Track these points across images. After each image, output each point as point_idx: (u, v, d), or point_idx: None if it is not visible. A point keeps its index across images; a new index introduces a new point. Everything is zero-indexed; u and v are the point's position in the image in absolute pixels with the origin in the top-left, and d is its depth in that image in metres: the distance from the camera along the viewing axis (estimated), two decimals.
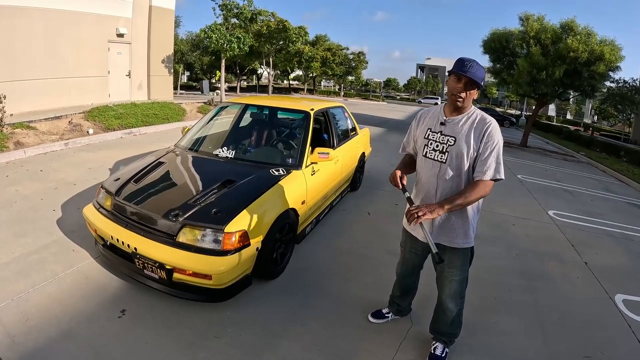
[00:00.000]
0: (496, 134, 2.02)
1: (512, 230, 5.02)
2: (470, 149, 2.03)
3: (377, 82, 72.31)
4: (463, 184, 2.08)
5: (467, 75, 1.92)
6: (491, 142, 2.00)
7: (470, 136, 2.03)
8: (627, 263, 4.45)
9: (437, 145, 2.13)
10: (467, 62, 1.95)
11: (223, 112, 4.65)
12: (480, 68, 1.96)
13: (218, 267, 2.48)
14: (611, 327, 3.07)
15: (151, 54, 12.95)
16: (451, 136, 2.08)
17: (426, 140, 2.18)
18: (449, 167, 2.08)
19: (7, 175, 5.09)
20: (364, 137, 6.03)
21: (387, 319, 2.74)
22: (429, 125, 2.20)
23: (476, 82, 1.94)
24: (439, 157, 2.12)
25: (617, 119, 32.83)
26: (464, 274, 2.26)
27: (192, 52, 32.90)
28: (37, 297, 2.63)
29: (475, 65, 1.94)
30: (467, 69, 1.93)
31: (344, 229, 4.36)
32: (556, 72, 12.63)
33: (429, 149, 2.16)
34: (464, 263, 2.23)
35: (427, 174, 2.18)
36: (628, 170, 11.83)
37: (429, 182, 2.17)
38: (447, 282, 2.27)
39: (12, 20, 8.59)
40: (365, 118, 17.96)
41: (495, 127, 2.04)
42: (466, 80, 1.96)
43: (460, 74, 1.95)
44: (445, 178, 2.10)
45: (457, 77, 1.99)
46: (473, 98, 2.04)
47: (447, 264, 2.21)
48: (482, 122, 2.04)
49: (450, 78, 2.04)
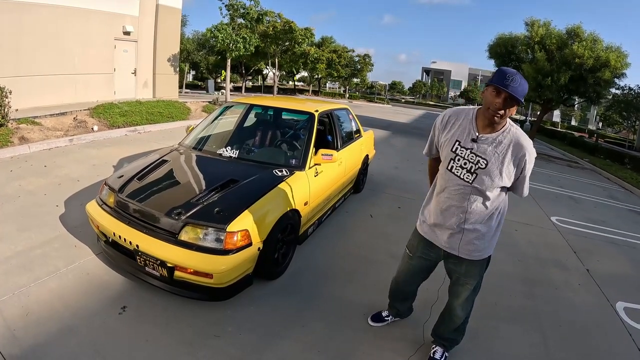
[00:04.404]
0: (532, 158, 1.92)
1: (515, 235, 5.00)
2: (503, 174, 1.90)
3: (382, 85, 72.26)
4: (488, 205, 1.99)
5: (508, 91, 1.71)
6: (528, 167, 1.92)
7: (504, 163, 1.89)
8: (629, 271, 4.43)
9: (465, 163, 1.95)
10: (509, 74, 1.73)
11: (227, 112, 4.66)
12: (523, 82, 1.75)
13: (219, 266, 2.48)
14: (612, 334, 3.05)
15: (157, 53, 13.00)
16: (483, 158, 1.90)
17: (453, 154, 1.99)
18: (474, 187, 1.95)
19: (11, 170, 5.11)
20: (368, 140, 6.02)
21: (387, 322, 2.73)
22: (457, 138, 1.99)
23: (517, 98, 1.73)
24: (465, 176, 1.96)
25: (622, 126, 32.66)
26: (480, 280, 2.23)
27: (198, 52, 32.98)
28: (39, 292, 2.65)
29: (519, 79, 1.73)
30: (508, 82, 1.71)
31: (347, 231, 4.36)
32: (561, 78, 12.62)
33: (455, 164, 1.99)
34: (481, 271, 2.19)
35: (451, 190, 2.03)
36: (632, 177, 11.76)
37: (451, 198, 2.04)
38: (462, 289, 2.22)
39: (19, 16, 8.64)
40: (369, 121, 17.95)
41: (532, 151, 1.91)
42: (506, 95, 1.74)
43: (500, 88, 1.73)
44: (469, 199, 1.98)
45: (496, 91, 1.77)
46: (512, 114, 1.85)
47: (464, 274, 2.18)
48: (519, 147, 1.87)
49: (487, 90, 1.83)
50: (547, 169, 11.61)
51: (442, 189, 2.08)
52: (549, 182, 9.35)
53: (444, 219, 2.09)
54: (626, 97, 22.78)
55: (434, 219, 2.15)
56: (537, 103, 16.08)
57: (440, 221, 2.11)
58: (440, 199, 2.10)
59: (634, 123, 28.43)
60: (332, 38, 43.69)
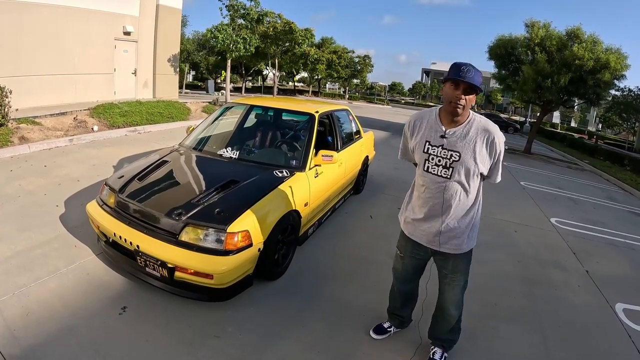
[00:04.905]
0: (501, 142, 2.00)
1: (514, 236, 5.01)
2: (478, 162, 1.97)
3: (382, 86, 72.26)
4: (469, 197, 2.05)
5: (466, 81, 1.83)
6: (499, 151, 2.00)
7: (475, 150, 1.96)
8: (628, 272, 4.43)
9: (440, 160, 2.03)
10: (464, 66, 1.84)
11: (228, 113, 4.66)
12: (477, 72, 1.86)
13: (220, 266, 2.49)
14: (611, 335, 3.06)
15: (157, 53, 13.00)
16: (455, 151, 1.98)
17: (426, 154, 2.07)
18: (454, 181, 2.01)
19: (11, 170, 5.11)
20: (368, 141, 6.03)
21: (390, 334, 2.64)
22: (426, 138, 2.07)
23: (475, 86, 1.85)
24: (443, 172, 2.03)
25: (622, 127, 32.73)
26: (467, 277, 2.25)
27: (198, 52, 33.05)
28: (39, 292, 2.65)
29: (472, 69, 1.85)
30: (464, 73, 1.83)
31: (347, 231, 4.36)
32: (561, 79, 12.61)
33: (430, 163, 2.06)
34: (467, 266, 2.23)
35: (432, 189, 2.08)
36: (631, 179, 11.78)
37: (434, 197, 2.08)
38: (451, 287, 2.25)
39: (20, 16, 8.65)
40: (369, 121, 17.96)
41: (499, 134, 1.99)
42: (465, 86, 1.86)
43: (457, 79, 1.85)
44: (451, 193, 2.04)
45: (454, 84, 1.88)
46: (472, 104, 1.94)
47: (451, 270, 2.20)
48: (486, 132, 1.96)
49: (446, 85, 1.94)
50: (547, 170, 11.63)
51: (423, 189, 2.14)
52: (549, 183, 9.37)
53: (427, 217, 2.14)
54: (626, 98, 22.86)
55: (417, 217, 2.20)
56: (536, 104, 16.08)
57: (423, 219, 2.16)
58: (422, 198, 2.16)
59: (633, 124, 28.51)
60: (332, 39, 43.74)
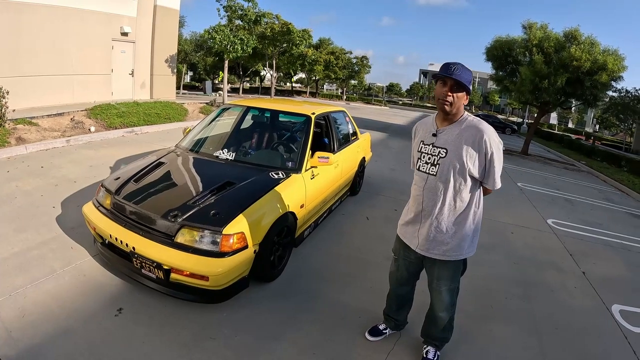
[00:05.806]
0: (492, 142, 1.93)
1: (511, 238, 5.02)
2: (465, 160, 1.95)
3: (379, 87, 72.35)
4: (459, 200, 2.03)
5: (453, 77, 1.86)
6: (489, 151, 1.94)
7: (462, 147, 1.95)
8: (625, 273, 4.45)
9: (429, 157, 2.06)
10: (452, 65, 1.89)
11: (225, 114, 4.67)
12: (465, 70, 1.89)
13: (215, 268, 2.49)
14: (608, 337, 3.07)
15: (155, 54, 13.00)
16: (443, 148, 2.00)
17: (419, 153, 2.13)
18: (439, 180, 2.02)
19: (7, 171, 5.10)
20: (365, 142, 6.04)
21: (385, 335, 2.65)
22: (421, 138, 2.14)
23: (463, 84, 1.88)
24: (430, 169, 2.05)
25: (619, 128, 32.88)
26: (454, 284, 2.23)
27: (195, 53, 33.00)
28: (35, 293, 2.64)
29: (461, 67, 1.89)
30: (452, 71, 1.87)
31: (343, 233, 4.37)
32: (558, 80, 12.66)
33: (421, 162, 2.11)
34: (454, 275, 2.20)
35: (421, 187, 2.11)
36: (629, 180, 11.83)
37: (421, 195, 2.11)
38: (437, 293, 2.25)
39: (17, 16, 8.64)
40: (366, 122, 17.98)
41: (491, 134, 1.94)
42: (452, 82, 1.90)
43: (445, 76, 1.89)
44: (433, 191, 2.05)
45: (442, 81, 1.93)
46: (463, 103, 1.96)
47: (435, 276, 2.20)
48: (476, 130, 1.94)
49: (437, 85, 1.98)
50: (544, 172, 11.67)
51: (414, 187, 2.20)
52: (546, 184, 9.39)
53: (415, 217, 2.17)
54: (623, 99, 22.95)
55: (408, 217, 2.23)
56: (534, 106, 16.13)
57: (412, 220, 2.19)
58: (412, 197, 2.22)
59: (630, 125, 28.63)
60: (330, 40, 43.79)
